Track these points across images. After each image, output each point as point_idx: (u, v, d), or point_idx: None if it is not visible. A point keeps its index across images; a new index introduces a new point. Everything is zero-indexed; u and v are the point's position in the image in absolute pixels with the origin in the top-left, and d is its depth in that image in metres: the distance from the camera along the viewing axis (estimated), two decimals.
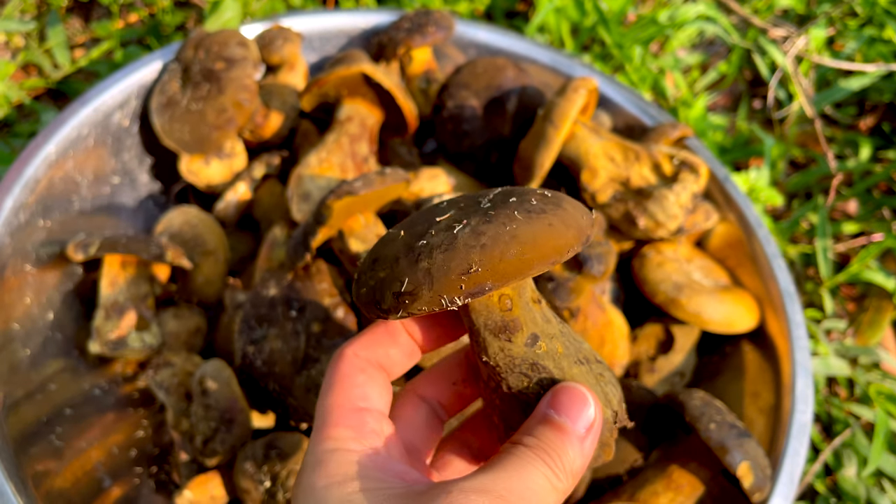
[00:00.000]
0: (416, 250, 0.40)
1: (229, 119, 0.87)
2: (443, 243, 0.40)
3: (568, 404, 0.43)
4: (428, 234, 0.41)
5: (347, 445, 0.43)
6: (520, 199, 0.42)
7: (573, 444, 0.42)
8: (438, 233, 0.41)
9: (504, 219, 0.40)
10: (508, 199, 0.42)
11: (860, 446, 0.96)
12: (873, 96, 1.29)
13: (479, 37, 1.05)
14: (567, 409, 0.43)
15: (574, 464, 0.42)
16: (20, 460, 0.70)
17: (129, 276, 0.85)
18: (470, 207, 0.43)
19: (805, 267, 1.14)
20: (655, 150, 0.85)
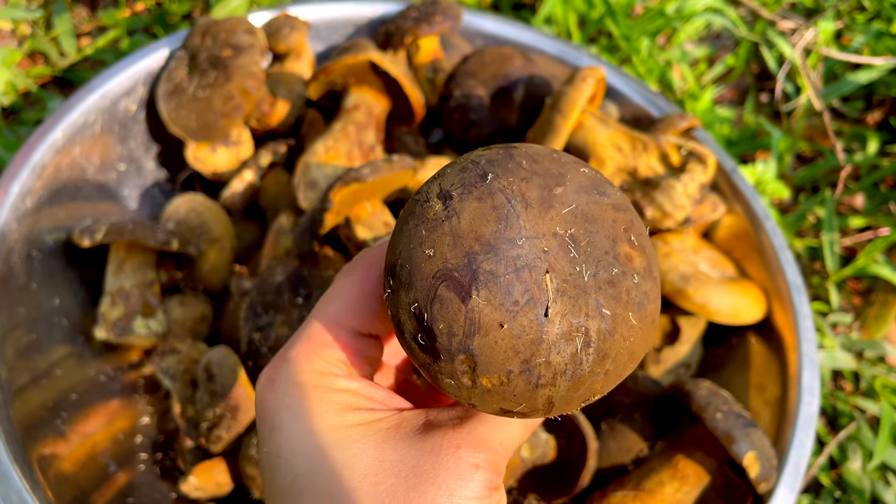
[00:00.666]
0: (535, 371, 0.34)
1: (236, 106, 0.87)
2: (567, 369, 0.34)
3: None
4: (543, 341, 0.34)
5: (338, 370, 0.41)
6: (621, 268, 0.36)
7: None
8: (557, 345, 0.34)
9: (623, 329, 0.35)
10: (611, 269, 0.35)
11: (865, 440, 0.96)
12: (881, 90, 1.29)
13: (487, 27, 1.05)
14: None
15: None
16: (26, 444, 0.70)
17: (135, 262, 0.85)
18: (567, 270, 0.35)
19: (811, 260, 1.14)
20: (663, 140, 0.85)
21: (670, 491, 0.70)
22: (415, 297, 0.35)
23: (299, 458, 0.38)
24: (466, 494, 0.37)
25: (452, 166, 0.38)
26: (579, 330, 0.34)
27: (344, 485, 0.37)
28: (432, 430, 0.39)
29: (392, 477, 0.37)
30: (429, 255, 0.35)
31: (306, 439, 0.38)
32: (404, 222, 0.37)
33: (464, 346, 0.34)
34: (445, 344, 0.35)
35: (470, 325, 0.34)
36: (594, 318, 0.34)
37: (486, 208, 0.35)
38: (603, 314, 0.35)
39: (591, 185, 0.37)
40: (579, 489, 0.73)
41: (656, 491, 0.71)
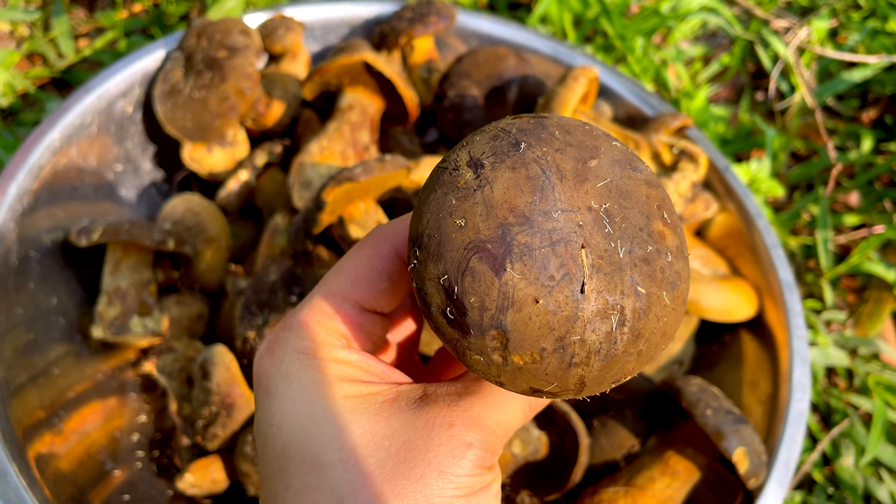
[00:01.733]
0: (569, 349, 0.33)
1: (231, 107, 0.88)
2: (602, 348, 0.33)
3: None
4: (579, 318, 0.33)
5: (338, 341, 0.41)
6: (655, 245, 0.35)
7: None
8: (593, 322, 0.33)
9: (657, 308, 0.34)
10: (646, 246, 0.34)
11: (858, 436, 0.96)
12: (876, 88, 1.29)
13: (481, 27, 1.05)
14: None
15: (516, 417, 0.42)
16: (24, 443, 0.71)
17: (131, 262, 0.85)
18: (602, 245, 0.34)
19: (806, 258, 1.14)
20: (655, 139, 0.85)
21: (661, 486, 0.71)
22: (444, 269, 0.33)
23: (291, 427, 0.38)
24: (457, 472, 0.36)
25: (481, 134, 0.37)
26: (615, 308, 0.33)
27: (332, 456, 0.36)
28: (428, 405, 0.38)
29: (382, 451, 0.37)
30: (460, 226, 0.33)
31: (299, 407, 0.38)
32: (431, 190, 0.35)
33: (496, 321, 0.33)
34: (476, 319, 0.33)
35: (503, 299, 0.33)
36: (629, 297, 0.33)
37: (521, 178, 0.34)
38: (638, 293, 0.33)
39: (624, 160, 0.36)
40: (571, 485, 0.74)
41: (647, 487, 0.71)
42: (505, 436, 0.40)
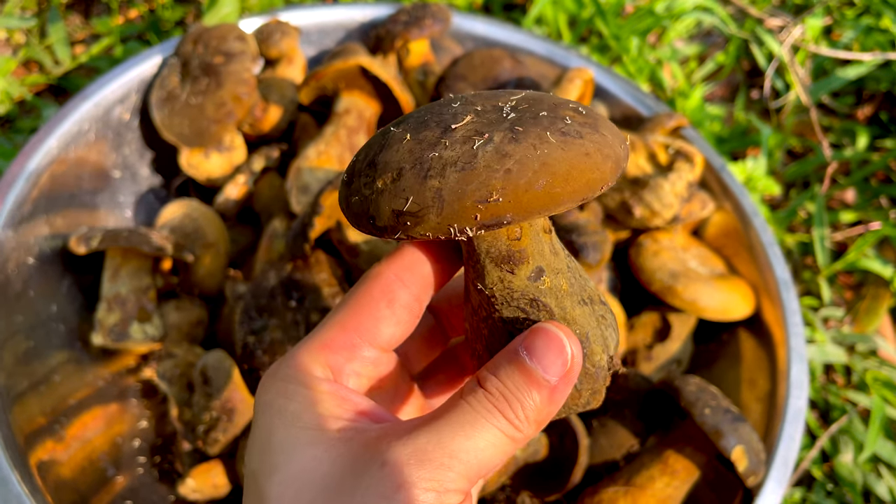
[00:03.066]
0: (426, 164, 0.34)
1: (228, 112, 0.88)
2: (459, 160, 0.34)
3: (543, 350, 0.38)
4: (441, 143, 0.35)
5: (316, 372, 0.40)
6: (552, 113, 0.36)
7: (541, 393, 0.38)
8: (454, 145, 0.34)
9: (534, 139, 0.34)
10: (538, 113, 0.36)
11: (857, 432, 0.97)
12: (871, 85, 1.30)
13: (477, 29, 1.05)
14: (541, 355, 0.38)
15: (540, 413, 0.38)
16: (25, 450, 0.71)
17: (130, 268, 0.86)
18: (491, 115, 0.36)
19: (803, 256, 1.15)
20: (651, 139, 0.86)
21: (661, 486, 0.71)
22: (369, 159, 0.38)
23: (252, 455, 0.38)
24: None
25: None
26: (482, 135, 0.35)
27: (271, 489, 0.36)
28: (374, 443, 0.36)
29: (315, 490, 0.35)
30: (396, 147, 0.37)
31: (262, 434, 0.38)
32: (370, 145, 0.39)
33: (370, 161, 0.37)
34: (358, 167, 0.38)
35: (380, 147, 0.37)
36: (502, 132, 0.35)
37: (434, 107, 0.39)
38: (515, 130, 0.35)
39: (564, 104, 0.39)
40: (571, 486, 0.74)
41: (647, 486, 0.72)
42: (471, 468, 0.36)
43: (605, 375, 0.42)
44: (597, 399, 0.43)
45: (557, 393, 0.38)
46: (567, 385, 0.38)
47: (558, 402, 0.39)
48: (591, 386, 0.42)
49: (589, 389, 0.42)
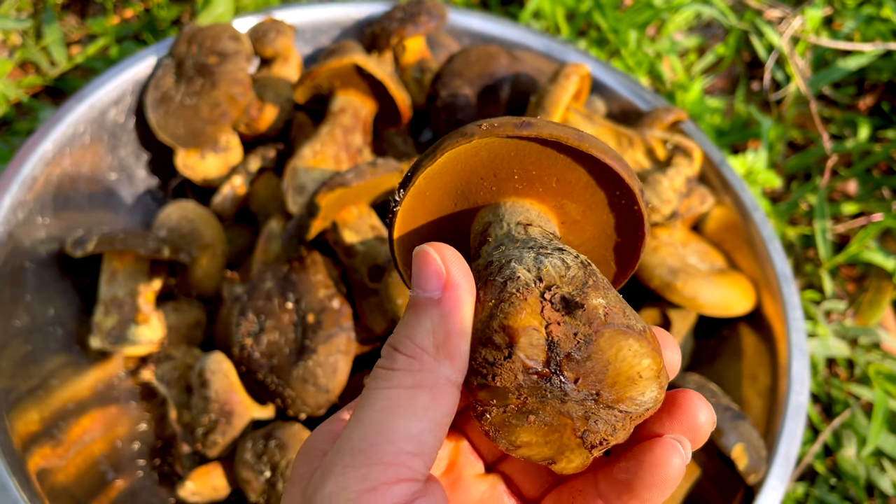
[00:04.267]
0: None
1: (223, 113, 0.87)
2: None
3: (417, 271, 0.35)
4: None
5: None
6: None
7: (429, 314, 0.34)
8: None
9: None
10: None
11: (860, 426, 0.96)
12: (872, 75, 1.28)
13: (473, 25, 1.05)
14: (417, 276, 0.35)
15: (437, 335, 0.34)
16: (24, 455, 0.71)
17: (127, 271, 0.85)
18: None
19: (804, 248, 1.14)
20: (649, 134, 0.85)
21: None
22: None
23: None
24: None
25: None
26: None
27: None
28: None
29: None
30: None
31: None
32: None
33: None
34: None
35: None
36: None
37: None
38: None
39: None
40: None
41: None
42: (383, 452, 0.32)
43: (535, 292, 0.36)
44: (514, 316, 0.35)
45: (445, 305, 0.34)
46: (454, 291, 0.35)
47: (456, 315, 0.34)
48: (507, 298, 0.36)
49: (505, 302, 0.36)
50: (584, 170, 0.40)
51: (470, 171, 0.41)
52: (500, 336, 0.34)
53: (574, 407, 0.34)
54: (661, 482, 0.34)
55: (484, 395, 0.35)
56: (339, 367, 0.73)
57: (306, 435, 0.75)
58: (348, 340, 0.73)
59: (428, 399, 0.33)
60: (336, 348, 0.72)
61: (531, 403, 0.34)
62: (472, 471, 0.42)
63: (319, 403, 0.73)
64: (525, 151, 0.39)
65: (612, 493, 0.36)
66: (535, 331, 0.33)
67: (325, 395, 0.73)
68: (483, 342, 0.34)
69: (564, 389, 0.34)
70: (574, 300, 0.34)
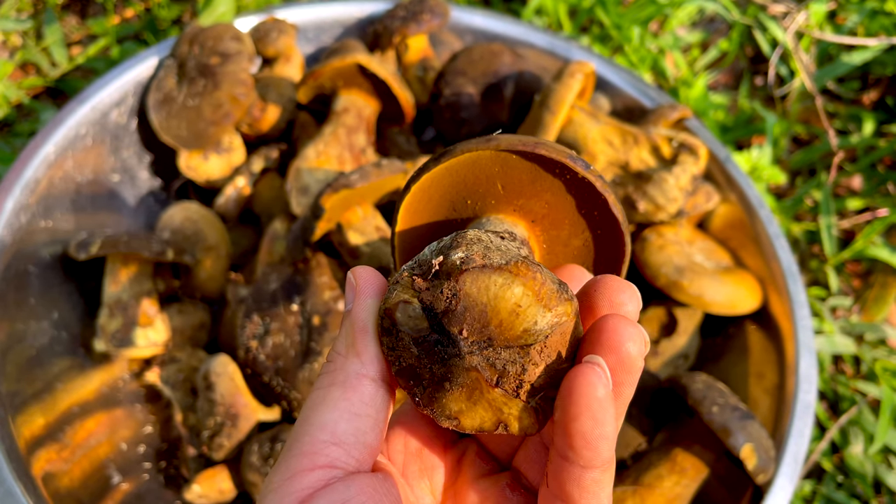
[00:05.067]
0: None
1: (226, 114, 0.87)
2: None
3: (345, 293, 0.40)
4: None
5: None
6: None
7: (344, 324, 0.38)
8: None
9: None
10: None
11: (867, 423, 0.96)
12: (876, 70, 1.28)
13: (476, 22, 1.04)
14: (345, 294, 0.40)
15: (348, 338, 0.37)
16: (29, 460, 0.71)
17: (131, 273, 0.85)
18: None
19: (810, 244, 1.13)
20: (654, 132, 0.84)
21: (669, 485, 0.71)
22: None
23: None
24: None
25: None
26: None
27: None
28: None
29: None
30: None
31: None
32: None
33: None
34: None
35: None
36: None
37: None
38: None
39: None
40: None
41: (655, 485, 0.71)
42: (303, 445, 0.34)
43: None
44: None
45: (354, 312, 0.37)
46: (359, 301, 0.38)
47: (357, 320, 0.37)
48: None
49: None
50: (581, 197, 0.41)
51: (479, 178, 0.41)
52: (386, 321, 0.36)
53: (475, 359, 0.35)
54: (587, 409, 0.33)
55: (403, 381, 0.36)
56: None
57: None
58: None
59: (340, 392, 0.36)
60: None
61: (438, 370, 0.35)
62: (478, 472, 0.43)
63: None
64: (525, 169, 0.41)
65: (561, 441, 0.34)
66: (407, 303, 0.35)
67: None
68: (383, 333, 0.36)
69: (457, 345, 0.34)
70: (432, 263, 0.35)
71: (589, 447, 0.33)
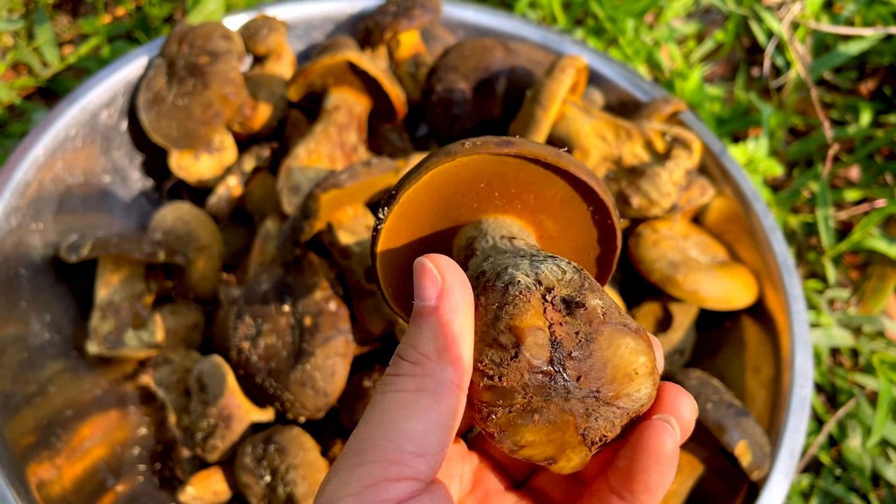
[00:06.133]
0: None
1: (216, 113, 0.86)
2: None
3: (417, 282, 0.37)
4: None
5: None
6: None
7: (428, 322, 0.36)
8: None
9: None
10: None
11: (865, 416, 0.95)
12: (873, 59, 1.27)
13: (467, 17, 1.03)
14: (417, 287, 0.37)
15: (437, 339, 0.35)
16: (22, 464, 0.71)
17: (123, 275, 0.85)
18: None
19: (807, 236, 1.13)
20: (647, 127, 0.84)
21: None
22: None
23: None
24: None
25: None
26: None
27: None
28: None
29: None
30: None
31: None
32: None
33: None
34: None
35: None
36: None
37: None
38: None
39: None
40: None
41: None
42: (386, 451, 0.33)
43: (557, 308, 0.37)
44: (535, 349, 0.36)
45: (443, 312, 0.36)
46: (450, 299, 0.36)
47: (454, 322, 0.36)
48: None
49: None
50: (560, 186, 0.42)
51: (453, 188, 0.42)
52: (507, 336, 0.35)
53: (576, 404, 0.35)
54: (657, 463, 0.35)
55: (490, 397, 0.35)
56: (338, 371, 0.72)
57: (306, 438, 0.74)
58: (346, 343, 0.73)
59: (431, 401, 0.34)
60: (334, 351, 0.72)
61: (536, 402, 0.35)
62: (498, 487, 0.43)
63: (318, 406, 0.73)
64: (505, 169, 0.41)
65: (620, 485, 0.36)
66: (540, 330, 0.35)
67: (323, 399, 0.72)
68: (489, 344, 0.35)
69: (567, 387, 0.35)
70: (574, 301, 0.36)
71: (650, 495, 0.35)
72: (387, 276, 0.44)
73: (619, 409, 0.36)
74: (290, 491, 0.70)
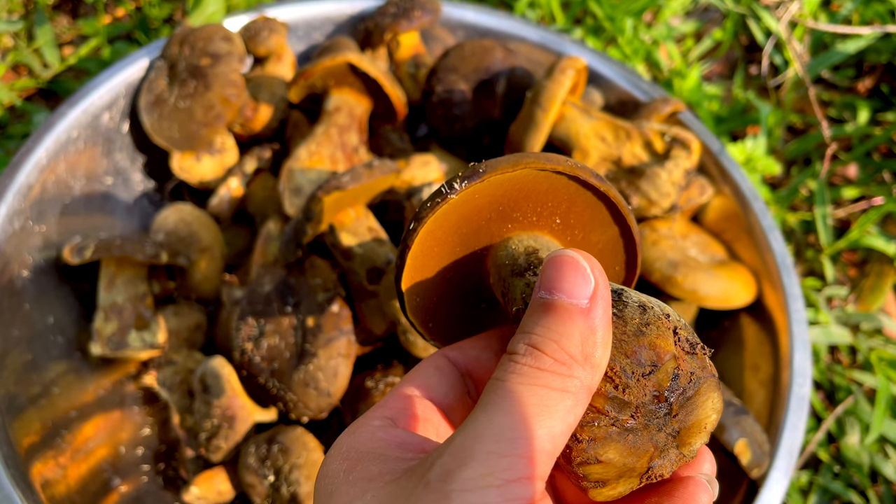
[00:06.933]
0: None
1: (217, 115, 0.87)
2: None
3: (557, 276, 0.35)
4: None
5: (373, 423, 0.38)
6: None
7: (576, 322, 0.34)
8: None
9: None
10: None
11: (863, 413, 0.96)
12: (871, 58, 1.27)
13: (467, 17, 1.04)
14: (557, 281, 0.35)
15: (587, 345, 0.34)
16: (27, 465, 0.71)
17: (126, 276, 0.85)
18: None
19: (805, 234, 1.13)
20: (647, 127, 0.84)
21: None
22: None
23: (318, 499, 0.37)
24: None
25: None
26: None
27: None
28: (420, 466, 0.34)
29: None
30: None
31: (323, 484, 0.37)
32: None
33: None
34: None
35: None
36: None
37: None
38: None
39: None
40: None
41: None
42: (529, 446, 0.32)
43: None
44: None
45: (594, 316, 0.34)
46: (600, 303, 0.35)
47: (602, 328, 0.34)
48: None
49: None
50: (587, 199, 0.43)
51: (478, 211, 0.43)
52: (648, 353, 0.36)
53: (662, 438, 0.36)
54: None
55: (603, 404, 0.35)
56: (340, 371, 0.72)
57: (309, 438, 0.75)
58: (348, 343, 0.73)
59: (571, 404, 0.34)
60: (336, 352, 0.72)
61: (638, 423, 0.36)
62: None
63: (321, 407, 0.73)
64: (536, 186, 0.42)
65: None
66: (674, 359, 0.36)
67: (326, 399, 0.73)
68: (626, 354, 0.36)
69: (665, 420, 0.36)
70: (697, 344, 0.38)
71: None
72: (414, 306, 0.45)
73: (682, 455, 0.37)
74: (293, 491, 0.71)
